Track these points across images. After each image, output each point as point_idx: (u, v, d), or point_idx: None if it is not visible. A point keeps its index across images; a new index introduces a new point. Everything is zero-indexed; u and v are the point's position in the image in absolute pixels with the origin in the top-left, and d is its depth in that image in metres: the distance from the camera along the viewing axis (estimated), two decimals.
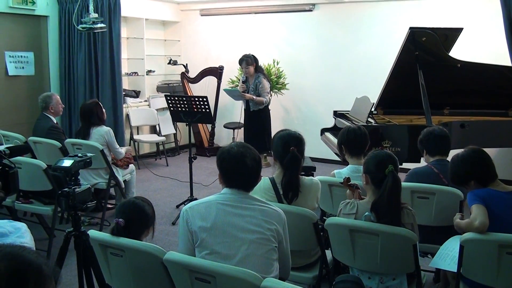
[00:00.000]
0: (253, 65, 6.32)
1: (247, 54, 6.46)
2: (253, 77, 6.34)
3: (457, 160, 2.88)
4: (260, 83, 6.28)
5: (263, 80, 6.35)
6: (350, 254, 2.63)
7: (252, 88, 6.25)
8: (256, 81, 6.28)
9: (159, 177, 6.99)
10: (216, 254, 2.16)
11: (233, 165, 2.26)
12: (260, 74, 6.38)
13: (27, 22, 6.68)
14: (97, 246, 2.38)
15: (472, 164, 2.81)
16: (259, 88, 6.28)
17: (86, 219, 4.98)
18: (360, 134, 3.52)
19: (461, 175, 2.85)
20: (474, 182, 2.78)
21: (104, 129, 4.93)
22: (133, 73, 8.11)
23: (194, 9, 8.78)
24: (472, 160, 2.82)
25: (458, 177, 2.88)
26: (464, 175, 2.83)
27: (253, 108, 6.38)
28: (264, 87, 6.32)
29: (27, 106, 6.65)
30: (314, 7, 7.69)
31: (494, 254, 2.42)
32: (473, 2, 6.57)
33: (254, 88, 6.25)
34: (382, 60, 6.76)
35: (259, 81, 6.29)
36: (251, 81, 6.35)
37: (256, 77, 6.30)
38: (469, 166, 2.81)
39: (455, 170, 2.89)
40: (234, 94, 6.26)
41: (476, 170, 2.79)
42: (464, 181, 2.85)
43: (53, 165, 2.49)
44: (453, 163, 2.91)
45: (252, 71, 6.32)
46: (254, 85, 6.27)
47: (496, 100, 5.62)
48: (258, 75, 6.33)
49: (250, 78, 6.38)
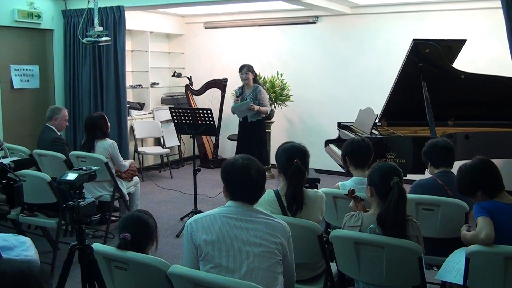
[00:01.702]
0: (253, 74, 6.31)
1: (247, 64, 6.45)
2: (250, 88, 6.29)
3: (465, 169, 2.84)
4: (260, 92, 6.23)
5: (263, 89, 6.33)
6: (355, 267, 2.61)
7: (251, 98, 6.22)
8: (255, 91, 6.24)
9: (163, 189, 6.99)
10: (221, 267, 2.15)
11: (238, 177, 2.26)
12: (258, 85, 6.36)
13: (33, 36, 6.74)
14: (101, 260, 2.38)
15: (479, 174, 2.78)
16: (259, 98, 6.23)
17: (90, 231, 4.98)
18: (364, 145, 3.52)
19: (468, 185, 2.82)
20: (482, 192, 2.75)
21: (108, 142, 4.95)
22: (138, 85, 8.15)
23: (198, 22, 8.83)
24: (480, 170, 2.79)
25: (465, 187, 2.85)
26: (472, 185, 2.80)
27: (251, 119, 6.32)
28: (265, 96, 6.29)
29: (32, 119, 6.69)
30: (318, 19, 7.73)
31: (500, 266, 2.40)
32: (476, 14, 6.59)
33: (254, 98, 6.22)
34: (385, 71, 6.77)
35: (258, 91, 6.24)
36: (248, 92, 6.31)
37: (254, 88, 6.26)
38: (476, 176, 2.78)
39: (463, 180, 2.85)
40: (242, 108, 6.17)
41: (484, 180, 2.76)
42: (471, 191, 2.82)
43: (57, 178, 2.50)
44: (461, 172, 2.87)
45: (251, 79, 6.26)
46: (253, 95, 6.23)
47: (500, 111, 5.60)
48: (256, 85, 6.30)
49: (247, 89, 6.34)
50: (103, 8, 6.44)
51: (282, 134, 8.04)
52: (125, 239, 2.31)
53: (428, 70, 5.27)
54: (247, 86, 6.35)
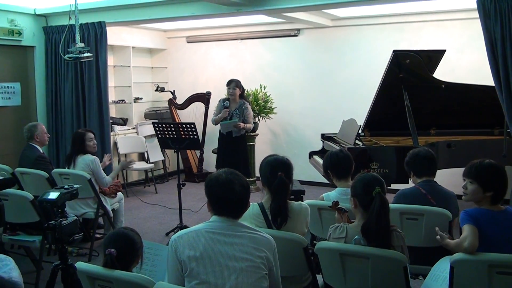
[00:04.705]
0: (240, 90, 6.34)
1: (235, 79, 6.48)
2: (236, 103, 6.33)
3: (496, 166, 2.77)
4: (247, 109, 6.29)
5: (249, 106, 6.38)
6: (341, 278, 2.61)
7: (237, 114, 6.27)
8: (242, 107, 6.28)
9: (148, 204, 6.94)
10: (206, 283, 2.13)
11: (222, 192, 2.25)
12: (245, 101, 6.40)
13: (14, 53, 6.68)
14: (84, 279, 2.34)
15: (503, 178, 2.74)
16: (245, 114, 6.28)
17: (74, 249, 4.92)
18: (343, 156, 3.54)
19: (492, 181, 2.72)
20: (493, 195, 2.68)
21: (90, 158, 4.91)
22: (121, 100, 8.12)
23: (180, 36, 8.85)
24: (503, 174, 2.75)
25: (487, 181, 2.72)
26: (496, 184, 2.72)
27: (235, 134, 6.35)
28: (250, 113, 6.35)
29: (13, 137, 6.60)
30: (299, 32, 7.79)
31: (484, 274, 2.41)
32: (455, 25, 6.70)
33: (240, 114, 6.26)
34: (367, 82, 6.83)
35: (245, 107, 6.29)
36: (233, 107, 6.34)
37: (241, 103, 6.30)
38: (502, 179, 2.73)
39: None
40: (229, 126, 6.23)
41: (502, 185, 2.72)
42: (492, 187, 2.71)
43: (39, 197, 2.47)
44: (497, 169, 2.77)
45: (237, 95, 6.31)
46: (239, 111, 6.27)
47: (481, 120, 5.68)
48: (243, 101, 6.34)
49: (233, 103, 6.37)
50: (84, 24, 6.41)
51: (266, 147, 8.05)
52: (111, 254, 2.29)
53: (409, 80, 5.33)
54: (233, 101, 6.38)
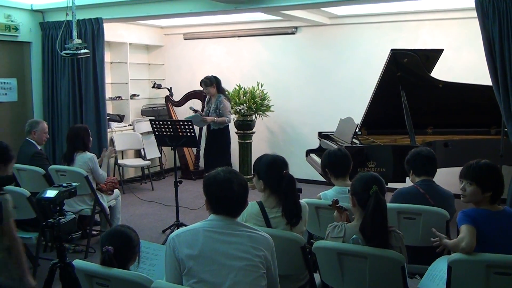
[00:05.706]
0: (213, 86, 6.48)
1: (207, 76, 6.59)
2: (215, 97, 6.49)
3: (493, 166, 2.75)
4: (221, 103, 6.46)
5: (224, 100, 6.51)
6: (339, 278, 2.62)
7: (213, 108, 6.41)
8: (217, 101, 6.44)
9: (144, 201, 6.93)
10: (204, 282, 2.13)
11: (220, 191, 2.25)
12: (222, 94, 6.52)
13: (10, 49, 6.64)
14: (82, 277, 2.34)
15: (500, 177, 2.72)
16: (220, 108, 6.43)
17: (71, 246, 4.89)
18: (341, 155, 3.54)
19: (490, 181, 2.69)
20: (491, 195, 2.68)
21: (88, 156, 4.88)
22: (117, 97, 8.09)
23: (177, 33, 8.82)
24: (500, 173, 2.73)
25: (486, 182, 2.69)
26: (494, 184, 2.70)
27: (213, 127, 6.54)
28: (225, 106, 6.47)
29: (10, 133, 6.56)
30: (297, 30, 7.78)
31: (482, 274, 2.42)
32: (453, 24, 6.69)
33: (215, 108, 6.40)
34: (365, 81, 6.83)
35: (219, 101, 6.47)
36: (213, 101, 6.51)
37: (217, 97, 6.46)
38: (499, 179, 2.72)
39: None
40: (196, 120, 6.28)
41: (499, 185, 2.72)
42: (490, 188, 2.69)
43: (37, 195, 2.45)
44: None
45: (213, 92, 6.52)
46: (215, 105, 6.45)
47: (478, 119, 5.69)
48: (219, 95, 6.49)
49: (213, 99, 6.57)
50: (81, 20, 6.37)
51: (263, 145, 8.05)
52: (108, 252, 2.28)
53: (406, 79, 5.33)
54: (213, 97, 6.59)
